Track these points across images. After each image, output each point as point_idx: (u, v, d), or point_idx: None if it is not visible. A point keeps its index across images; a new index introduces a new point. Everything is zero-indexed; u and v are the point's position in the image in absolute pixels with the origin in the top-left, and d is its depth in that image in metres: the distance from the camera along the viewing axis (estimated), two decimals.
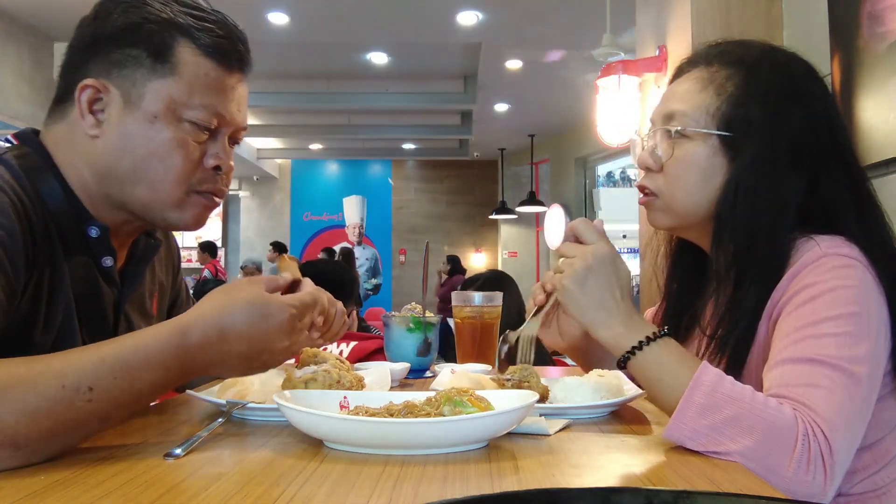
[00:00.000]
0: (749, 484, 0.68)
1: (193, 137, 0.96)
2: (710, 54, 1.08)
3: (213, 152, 0.99)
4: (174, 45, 0.94)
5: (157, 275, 1.20)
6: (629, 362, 0.91)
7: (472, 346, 1.44)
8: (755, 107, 1.00)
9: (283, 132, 9.66)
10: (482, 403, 0.80)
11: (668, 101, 1.09)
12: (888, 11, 1.74)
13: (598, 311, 0.93)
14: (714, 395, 0.81)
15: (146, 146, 0.93)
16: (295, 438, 0.83)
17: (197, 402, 1.04)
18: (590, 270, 0.93)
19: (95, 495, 0.60)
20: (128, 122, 0.93)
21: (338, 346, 1.72)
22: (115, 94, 0.93)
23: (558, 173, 9.06)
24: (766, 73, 1.03)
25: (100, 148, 0.94)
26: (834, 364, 0.84)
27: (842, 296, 0.89)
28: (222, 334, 0.80)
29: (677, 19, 2.77)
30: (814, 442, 0.78)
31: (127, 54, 0.93)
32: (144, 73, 0.93)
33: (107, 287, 1.01)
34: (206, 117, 0.96)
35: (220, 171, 1.00)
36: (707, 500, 0.41)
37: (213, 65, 0.97)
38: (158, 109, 0.93)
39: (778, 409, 0.80)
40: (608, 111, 3.19)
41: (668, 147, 1.05)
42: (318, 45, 6.20)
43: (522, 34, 5.52)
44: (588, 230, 0.97)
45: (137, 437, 0.82)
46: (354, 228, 11.39)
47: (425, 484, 0.65)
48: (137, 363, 0.76)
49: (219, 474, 0.68)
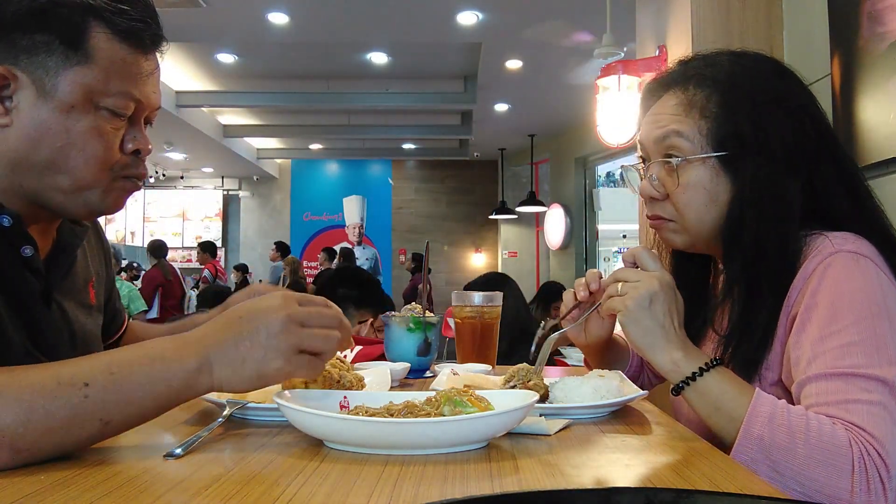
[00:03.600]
0: (749, 484, 0.68)
1: (111, 125, 0.94)
2: (683, 76, 1.08)
3: (132, 136, 0.97)
4: (87, 29, 0.90)
5: (91, 262, 1.18)
6: (685, 390, 0.93)
7: (472, 346, 1.44)
8: (741, 122, 1.01)
9: (283, 132, 9.66)
10: (482, 403, 0.80)
11: (656, 122, 1.08)
12: (888, 11, 1.74)
13: (658, 336, 0.95)
14: (772, 425, 0.84)
15: (64, 137, 0.91)
16: (295, 438, 0.83)
17: (197, 402, 1.03)
18: (654, 296, 0.95)
19: (95, 495, 0.60)
20: (42, 112, 0.90)
21: (341, 351, 1.72)
22: (24, 81, 0.89)
23: (558, 173, 9.06)
24: (741, 85, 1.04)
25: (10, 137, 0.91)
26: (866, 374, 0.85)
27: (858, 298, 0.90)
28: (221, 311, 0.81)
29: (677, 19, 2.77)
30: (870, 462, 0.80)
31: (36, 40, 0.89)
32: (57, 60, 0.89)
33: (31, 277, 0.97)
34: (124, 103, 0.94)
35: (139, 155, 0.99)
36: (707, 500, 0.41)
37: (130, 49, 0.93)
38: (75, 99, 0.90)
39: (832, 434, 0.82)
40: (608, 111, 3.19)
41: (670, 176, 1.06)
42: (318, 45, 6.20)
43: (522, 34, 5.51)
44: (650, 258, 1.00)
45: (137, 437, 0.82)
46: (354, 228, 11.39)
47: (425, 484, 0.65)
48: (132, 356, 0.77)
49: (219, 474, 0.68)
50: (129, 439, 0.81)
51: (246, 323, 0.80)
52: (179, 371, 0.77)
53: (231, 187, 11.89)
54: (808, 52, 1.09)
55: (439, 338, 1.43)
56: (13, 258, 0.94)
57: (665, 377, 0.96)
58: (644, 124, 1.12)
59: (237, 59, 6.65)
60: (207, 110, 8.26)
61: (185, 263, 11.24)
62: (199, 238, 11.32)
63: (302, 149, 10.82)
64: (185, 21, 5.25)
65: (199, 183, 11.91)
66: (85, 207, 0.97)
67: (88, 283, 1.15)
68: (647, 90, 1.14)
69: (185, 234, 11.82)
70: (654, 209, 1.10)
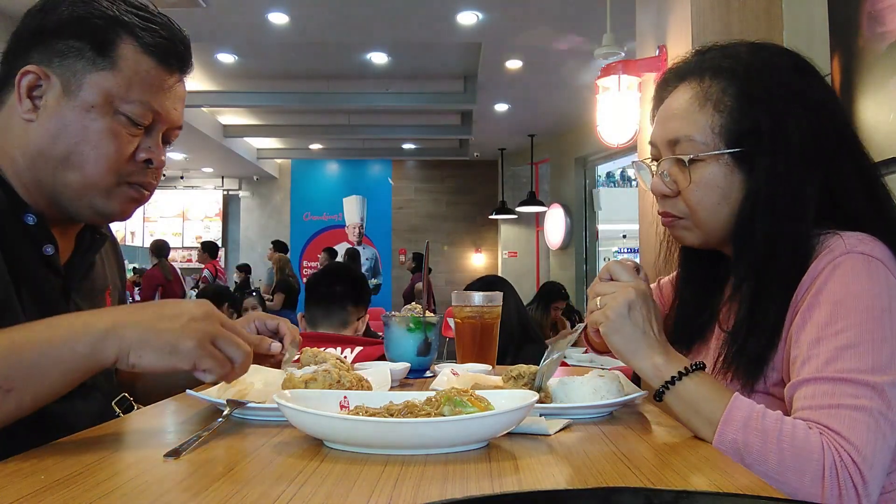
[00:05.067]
0: (749, 484, 0.68)
1: (127, 130, 0.99)
2: (699, 68, 1.05)
3: (146, 146, 1.02)
4: (117, 40, 0.98)
5: (109, 272, 1.21)
6: (666, 393, 0.93)
7: (472, 346, 1.44)
8: (759, 117, 0.99)
9: (283, 132, 9.66)
10: (482, 403, 0.80)
11: (667, 122, 1.06)
12: (888, 11, 1.74)
13: (640, 342, 0.95)
14: (746, 429, 0.84)
15: (80, 133, 0.97)
16: (295, 438, 0.83)
17: (197, 402, 1.03)
18: (632, 304, 0.95)
19: (95, 495, 0.60)
20: (64, 108, 0.97)
21: (342, 352, 1.71)
22: (54, 81, 0.97)
23: (558, 173, 9.06)
24: (759, 78, 1.01)
25: (34, 131, 0.97)
26: (855, 379, 0.84)
27: (863, 301, 0.88)
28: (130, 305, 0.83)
29: (677, 19, 2.77)
30: (842, 469, 0.79)
31: (70, 45, 0.97)
32: (85, 64, 0.97)
33: (52, 276, 1.02)
34: (142, 112, 1.00)
35: (150, 165, 1.04)
36: (707, 500, 0.41)
37: (154, 63, 1.01)
38: (95, 100, 0.97)
39: (805, 439, 0.82)
40: (608, 111, 3.19)
41: (682, 172, 1.04)
42: (318, 45, 6.20)
43: (522, 34, 5.52)
44: (624, 269, 1.00)
45: (137, 437, 0.82)
46: (354, 228, 11.39)
47: (425, 484, 0.65)
48: (38, 324, 0.80)
49: (219, 474, 0.67)
50: (129, 439, 0.81)
51: (170, 307, 0.84)
52: (84, 335, 0.78)
53: (231, 187, 11.89)
54: (807, 52, 1.07)
55: (439, 338, 1.43)
56: (36, 255, 0.99)
57: (649, 383, 0.96)
58: (657, 120, 1.09)
59: (237, 59, 6.65)
60: (207, 110, 8.26)
61: (185, 263, 11.24)
62: (199, 238, 11.32)
63: (302, 149, 10.81)
64: (186, 21, 5.15)
65: (199, 183, 11.91)
66: (91, 209, 1.01)
67: (105, 290, 1.18)
68: (663, 80, 1.11)
69: (185, 234, 11.82)
70: (665, 206, 1.08)
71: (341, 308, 2.25)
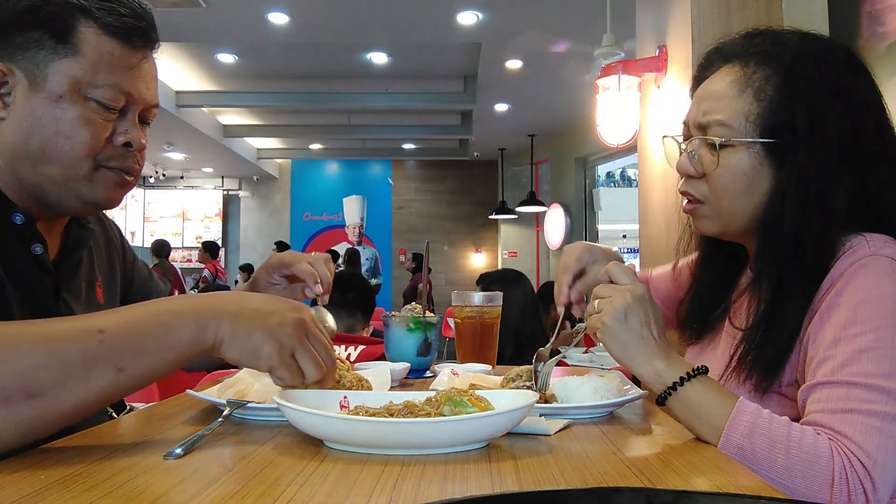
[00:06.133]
0: (749, 484, 0.68)
1: (101, 116, 0.98)
2: (746, 52, 1.02)
3: (123, 129, 1.00)
4: (76, 25, 0.96)
5: (97, 264, 1.20)
6: (668, 399, 0.91)
7: (472, 346, 1.44)
8: (798, 111, 0.96)
9: (283, 132, 9.66)
10: (482, 403, 0.80)
11: (702, 104, 1.03)
12: (888, 11, 1.74)
13: (638, 348, 0.93)
14: (752, 435, 0.83)
15: (53, 125, 0.95)
16: (295, 438, 0.83)
17: (197, 402, 1.03)
18: (629, 309, 0.93)
19: (95, 495, 0.60)
20: (33, 103, 0.95)
21: (345, 350, 1.71)
22: (19, 76, 0.95)
23: (558, 173, 9.06)
24: (805, 71, 0.97)
25: (7, 130, 0.96)
26: (869, 384, 0.82)
27: (884, 305, 0.86)
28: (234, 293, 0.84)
29: (677, 19, 2.77)
30: (852, 474, 0.78)
31: (29, 37, 0.95)
32: (47, 54, 0.95)
33: (42, 275, 1.01)
34: (112, 95, 0.98)
35: (131, 148, 1.02)
36: (707, 500, 0.41)
37: (117, 43, 0.98)
38: (63, 89, 0.95)
39: (814, 445, 0.81)
40: (608, 111, 3.19)
41: (710, 155, 1.01)
42: (318, 45, 6.20)
43: (522, 34, 5.51)
44: (622, 272, 0.97)
45: (137, 437, 0.82)
46: (354, 228, 11.39)
47: (425, 484, 0.65)
48: (148, 307, 0.81)
49: (219, 474, 0.68)
50: (129, 439, 0.81)
51: (270, 304, 0.84)
52: (192, 322, 0.80)
53: (231, 187, 11.89)
54: None
55: (439, 338, 1.43)
56: (25, 255, 0.98)
57: (650, 388, 0.94)
58: (694, 99, 1.07)
59: (237, 59, 6.65)
60: (207, 110, 8.26)
61: (186, 263, 11.24)
62: (199, 238, 11.32)
63: (302, 149, 10.82)
64: (185, 21, 5.25)
65: (199, 183, 11.91)
66: (78, 199, 1.00)
67: (94, 283, 1.17)
68: (707, 58, 1.08)
69: (185, 234, 11.82)
70: (687, 186, 1.06)
71: (350, 315, 2.35)
